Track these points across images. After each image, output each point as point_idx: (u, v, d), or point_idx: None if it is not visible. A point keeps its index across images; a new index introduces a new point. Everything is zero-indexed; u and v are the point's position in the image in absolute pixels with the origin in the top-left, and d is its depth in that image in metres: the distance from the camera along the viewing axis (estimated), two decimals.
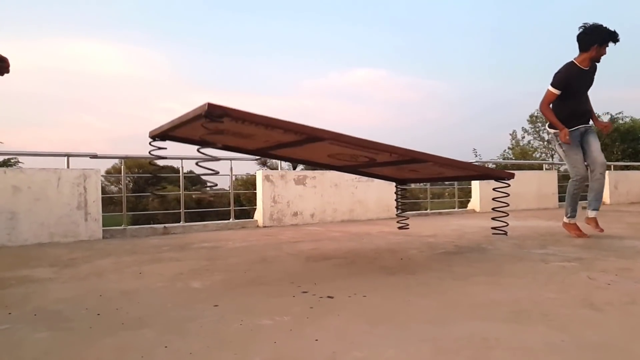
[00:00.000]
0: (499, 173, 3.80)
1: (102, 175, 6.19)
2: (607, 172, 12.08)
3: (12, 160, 13.01)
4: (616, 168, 12.67)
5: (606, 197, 12.03)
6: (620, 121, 23.53)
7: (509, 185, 3.72)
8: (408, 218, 4.53)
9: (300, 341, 1.87)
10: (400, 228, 4.47)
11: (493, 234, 3.77)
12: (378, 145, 3.08)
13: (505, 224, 3.71)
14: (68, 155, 5.91)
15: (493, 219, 3.82)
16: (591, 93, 5.08)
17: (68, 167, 5.85)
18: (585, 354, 1.67)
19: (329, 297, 2.56)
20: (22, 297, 2.75)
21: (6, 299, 2.69)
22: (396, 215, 4.52)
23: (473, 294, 2.60)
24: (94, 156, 6.22)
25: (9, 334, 2.06)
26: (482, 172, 3.81)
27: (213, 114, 2.47)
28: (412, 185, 16.38)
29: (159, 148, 3.27)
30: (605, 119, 22.95)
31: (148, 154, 3.39)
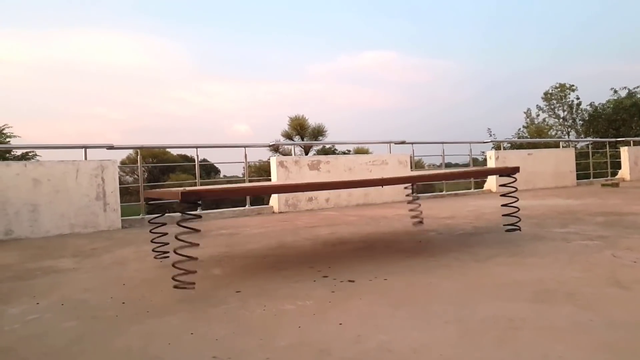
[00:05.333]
0: (503, 170, 3.90)
1: (117, 166, 6.24)
2: (626, 147, 11.96)
3: (29, 154, 13.18)
4: (636, 144, 12.41)
5: (626, 173, 11.84)
6: (639, 95, 22.99)
7: (515, 180, 3.78)
8: (420, 205, 4.62)
9: (325, 325, 1.87)
10: (413, 216, 4.61)
11: (506, 231, 3.87)
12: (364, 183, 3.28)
13: (518, 219, 3.82)
14: (85, 147, 5.96)
15: (504, 215, 3.91)
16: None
17: (86, 158, 5.91)
18: (614, 333, 1.65)
19: (349, 281, 2.56)
20: (48, 287, 2.81)
21: (33, 290, 2.74)
22: (408, 203, 4.63)
23: (495, 274, 2.58)
24: (111, 147, 6.27)
25: (38, 323, 2.10)
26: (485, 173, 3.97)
27: (188, 200, 2.58)
28: (426, 167, 16.26)
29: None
30: (623, 93, 22.43)
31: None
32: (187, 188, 2.63)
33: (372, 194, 8.20)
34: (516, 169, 3.85)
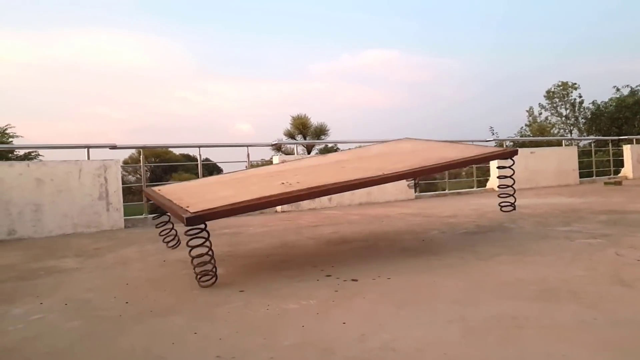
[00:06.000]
0: (502, 153, 4.08)
1: (120, 166, 6.24)
2: (629, 146, 11.91)
3: (32, 154, 13.21)
4: (638, 142, 12.36)
5: (629, 171, 11.80)
6: None
7: (514, 162, 4.00)
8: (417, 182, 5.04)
9: (328, 324, 1.87)
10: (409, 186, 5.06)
11: (501, 209, 4.06)
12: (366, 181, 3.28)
13: (514, 199, 4.00)
14: (88, 147, 5.97)
15: (499, 195, 4.16)
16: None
17: (88, 158, 5.92)
18: (618, 331, 1.65)
19: (352, 280, 2.56)
20: (52, 287, 2.81)
21: (37, 289, 2.74)
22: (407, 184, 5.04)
23: (498, 273, 2.58)
24: (114, 147, 6.28)
25: (42, 323, 2.10)
26: (484, 156, 4.09)
27: (193, 224, 2.57)
28: None
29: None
30: (626, 91, 22.37)
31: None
32: (192, 210, 2.60)
33: (374, 192, 8.19)
34: (515, 152, 4.01)
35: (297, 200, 3.00)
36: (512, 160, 3.95)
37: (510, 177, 3.89)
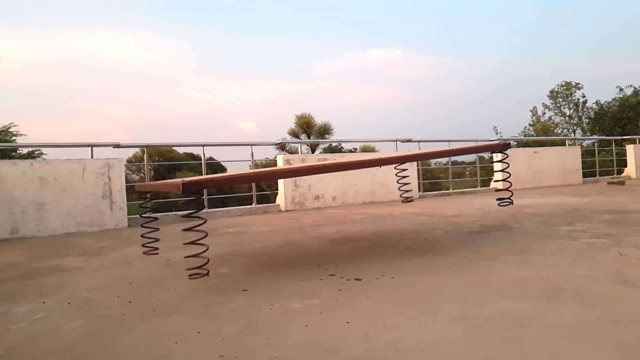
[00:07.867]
0: (494, 145, 4.24)
1: (124, 164, 6.26)
2: (632, 145, 11.88)
3: (35, 153, 13.25)
4: None
5: (632, 171, 11.76)
6: None
7: (507, 156, 4.18)
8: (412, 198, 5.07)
9: (332, 324, 1.87)
10: (404, 201, 5.05)
11: (499, 205, 4.20)
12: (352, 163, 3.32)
13: (511, 193, 4.13)
14: (92, 146, 5.98)
15: (496, 190, 4.32)
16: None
17: (92, 157, 5.93)
18: (621, 331, 1.64)
19: (356, 279, 2.56)
20: (55, 286, 2.82)
21: (40, 289, 2.75)
22: (401, 197, 4.95)
23: (502, 272, 2.57)
24: (117, 146, 6.29)
25: (45, 322, 2.11)
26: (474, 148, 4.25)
27: (190, 190, 2.58)
28: (432, 165, 16.22)
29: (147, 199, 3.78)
30: (629, 92, 22.28)
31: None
32: (188, 178, 2.63)
33: (378, 192, 8.19)
34: (507, 145, 4.25)
35: (296, 175, 3.04)
36: (505, 153, 4.09)
37: (504, 170, 4.01)
